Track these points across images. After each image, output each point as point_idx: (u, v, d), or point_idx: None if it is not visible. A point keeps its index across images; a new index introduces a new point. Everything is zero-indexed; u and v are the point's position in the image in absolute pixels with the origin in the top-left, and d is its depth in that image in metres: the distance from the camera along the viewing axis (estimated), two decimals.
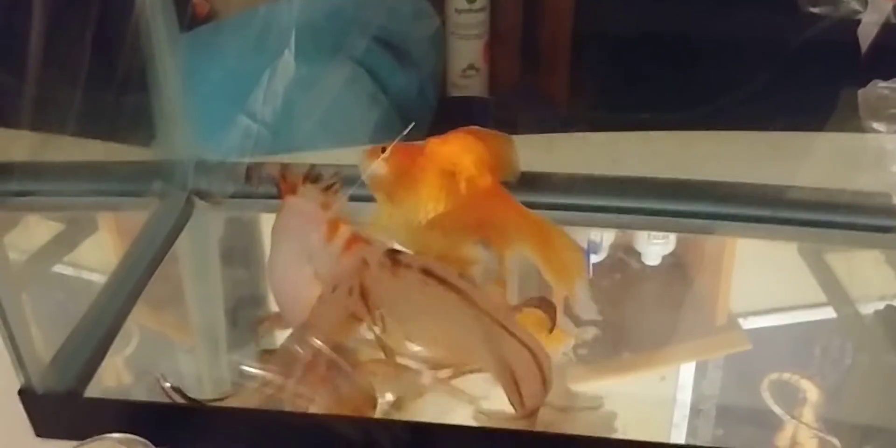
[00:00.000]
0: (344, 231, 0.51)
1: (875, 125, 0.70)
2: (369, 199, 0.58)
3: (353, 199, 0.54)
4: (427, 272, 0.47)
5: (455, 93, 1.53)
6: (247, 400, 0.51)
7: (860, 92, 0.72)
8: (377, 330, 0.49)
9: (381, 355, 0.51)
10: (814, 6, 0.92)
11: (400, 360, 0.51)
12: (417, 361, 0.51)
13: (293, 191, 0.54)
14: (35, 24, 0.63)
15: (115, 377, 0.59)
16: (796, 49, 0.93)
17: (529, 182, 0.71)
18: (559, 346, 0.58)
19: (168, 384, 0.52)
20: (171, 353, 0.65)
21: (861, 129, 0.71)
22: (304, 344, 0.49)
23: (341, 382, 0.49)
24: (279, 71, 0.69)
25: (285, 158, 0.76)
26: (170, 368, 0.61)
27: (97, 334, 0.59)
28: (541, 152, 0.80)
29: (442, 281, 0.47)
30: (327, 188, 0.53)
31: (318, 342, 0.49)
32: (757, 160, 0.78)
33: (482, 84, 1.56)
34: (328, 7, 0.97)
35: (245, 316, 0.66)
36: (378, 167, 0.56)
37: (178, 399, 0.52)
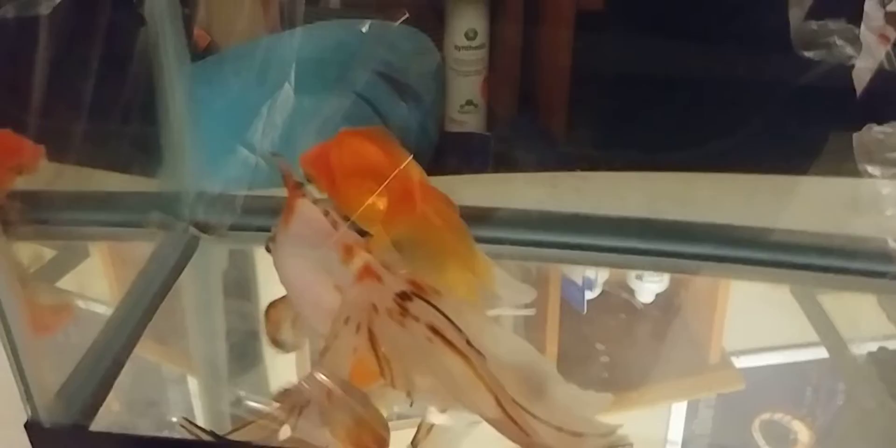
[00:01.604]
0: (358, 259, 0.49)
1: (870, 169, 0.70)
2: None
3: None
4: (434, 330, 0.45)
5: (453, 128, 1.53)
6: (252, 435, 0.50)
7: (855, 136, 0.72)
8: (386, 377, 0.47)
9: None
10: (808, 50, 0.93)
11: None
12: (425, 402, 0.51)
13: (299, 190, 0.52)
14: (44, 53, 0.63)
15: (120, 411, 0.59)
16: (792, 92, 0.93)
17: (524, 219, 0.73)
18: None
19: (185, 419, 0.52)
20: (174, 387, 0.65)
21: (856, 173, 0.71)
22: (313, 380, 0.48)
23: (351, 418, 0.48)
24: (279, 103, 0.69)
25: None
26: (173, 402, 0.62)
27: (103, 367, 0.58)
28: (542, 189, 0.80)
29: (448, 343, 0.45)
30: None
31: (324, 378, 0.47)
32: (752, 202, 0.78)
33: (480, 120, 1.57)
34: (334, 40, 0.97)
35: (249, 349, 0.66)
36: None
37: (200, 434, 0.51)
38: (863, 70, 0.84)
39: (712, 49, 1.15)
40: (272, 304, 0.58)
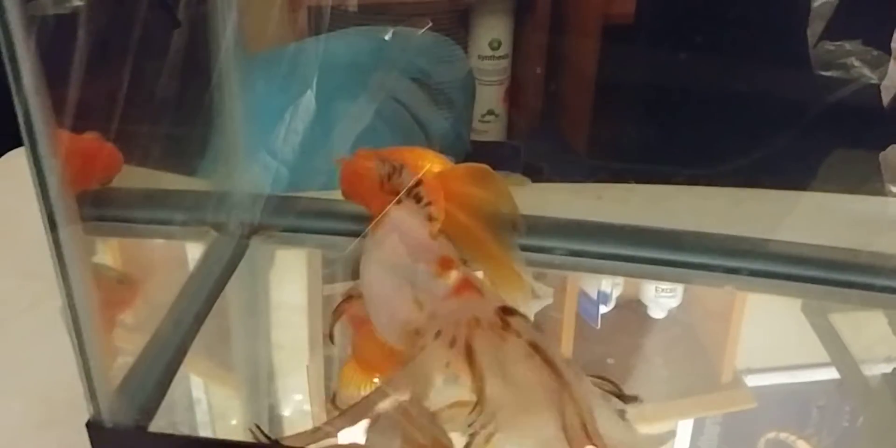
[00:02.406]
0: (455, 273, 0.48)
1: (894, 189, 0.70)
2: None
3: None
4: (535, 347, 0.44)
5: (473, 137, 1.54)
6: (305, 440, 0.49)
7: (881, 155, 0.72)
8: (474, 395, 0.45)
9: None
10: (825, 71, 0.92)
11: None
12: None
13: (393, 192, 0.51)
14: (102, 52, 0.63)
15: (177, 411, 0.59)
16: (819, 108, 0.93)
17: (538, 227, 0.72)
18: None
19: (256, 426, 0.51)
20: (226, 390, 0.65)
21: (881, 191, 0.71)
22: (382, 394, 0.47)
23: (425, 436, 0.47)
24: (300, 109, 0.69)
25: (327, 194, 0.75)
26: (224, 405, 0.62)
27: (159, 366, 0.58)
28: (561, 196, 0.81)
29: (547, 361, 0.44)
30: (427, 208, 0.49)
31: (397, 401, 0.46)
32: (774, 218, 0.78)
33: (501, 129, 1.57)
34: (368, 46, 0.97)
35: (295, 352, 0.66)
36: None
37: (265, 439, 0.51)
38: (887, 88, 0.84)
39: (738, 65, 1.15)
40: (346, 300, 0.57)
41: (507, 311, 0.45)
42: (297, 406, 0.60)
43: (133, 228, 0.74)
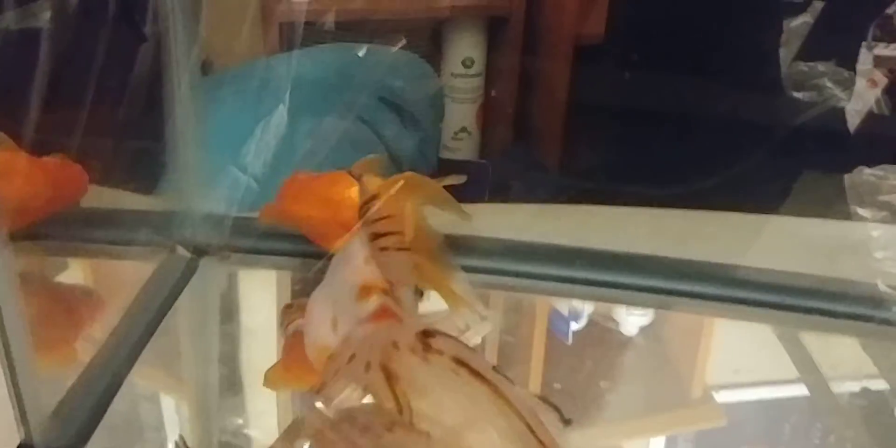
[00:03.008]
0: (375, 299, 0.48)
1: (861, 211, 0.70)
2: None
3: None
4: (459, 361, 0.43)
5: (446, 155, 1.53)
6: None
7: (846, 177, 0.72)
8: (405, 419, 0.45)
9: None
10: (797, 91, 0.93)
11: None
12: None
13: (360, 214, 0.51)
14: (58, 67, 0.62)
15: (116, 434, 0.58)
16: (785, 131, 0.94)
17: (512, 250, 0.73)
18: None
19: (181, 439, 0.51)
20: (169, 412, 0.64)
21: (847, 214, 0.71)
22: (313, 411, 0.46)
23: None
24: (272, 124, 0.69)
25: None
26: (167, 427, 0.60)
27: (98, 389, 0.57)
28: (531, 219, 0.80)
29: (475, 373, 0.43)
30: (376, 238, 0.50)
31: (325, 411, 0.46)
32: (739, 241, 0.77)
33: (474, 147, 1.57)
34: (335, 63, 0.97)
35: (245, 376, 0.65)
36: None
37: None
38: (853, 112, 0.84)
39: (709, 85, 1.15)
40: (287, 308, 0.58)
41: (427, 334, 0.45)
42: (239, 429, 0.60)
43: (80, 248, 0.74)
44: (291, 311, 0.59)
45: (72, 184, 0.71)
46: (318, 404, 0.46)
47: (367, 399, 0.46)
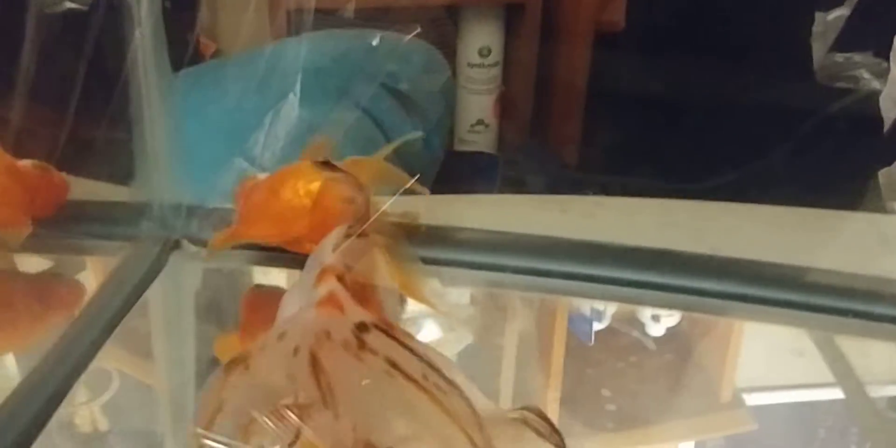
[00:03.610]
0: (327, 285, 0.47)
1: None
2: None
3: None
4: (392, 363, 0.42)
5: (462, 148, 1.52)
6: None
7: (881, 173, 0.71)
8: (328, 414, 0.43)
9: None
10: (833, 83, 0.91)
11: None
12: None
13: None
14: (25, 57, 0.62)
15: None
16: (817, 122, 0.92)
17: (529, 245, 0.71)
18: None
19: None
20: (132, 412, 0.62)
21: (881, 209, 0.69)
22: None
23: None
24: (282, 114, 0.68)
25: None
26: (129, 428, 0.59)
27: (50, 386, 0.55)
28: (551, 213, 0.78)
29: (408, 377, 0.42)
30: (348, 231, 0.50)
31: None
32: (771, 236, 0.75)
33: (491, 140, 1.55)
34: (336, 51, 0.96)
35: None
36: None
37: None
38: (888, 102, 0.82)
39: (734, 75, 1.13)
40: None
41: (362, 328, 0.43)
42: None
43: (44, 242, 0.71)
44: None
45: (51, 192, 0.69)
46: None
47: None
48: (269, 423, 0.42)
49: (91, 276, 0.74)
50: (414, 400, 0.41)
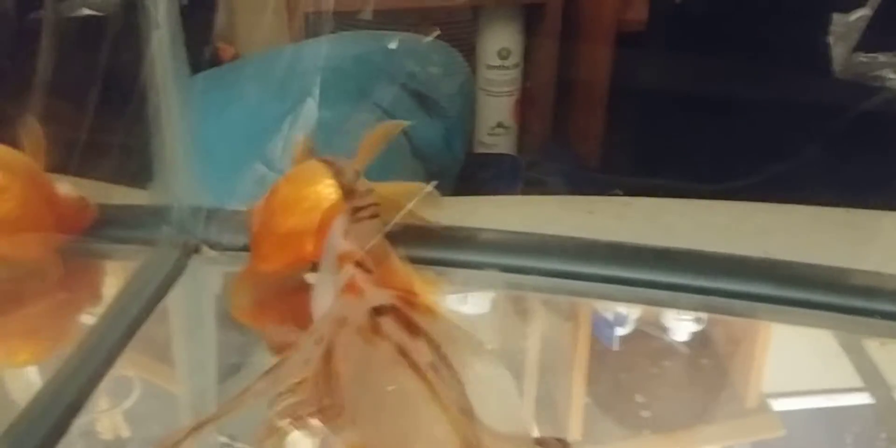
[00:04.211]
0: (346, 271, 0.47)
1: None
2: None
3: None
4: (401, 351, 0.42)
5: (482, 151, 1.51)
6: None
7: None
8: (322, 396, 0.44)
9: None
10: (859, 81, 0.90)
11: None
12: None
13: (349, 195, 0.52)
14: (43, 61, 0.62)
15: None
16: (846, 119, 0.90)
17: (552, 247, 0.70)
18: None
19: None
20: (154, 419, 0.61)
21: None
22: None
23: None
24: (302, 118, 0.68)
25: None
26: (151, 435, 0.58)
27: (71, 392, 0.55)
28: (576, 214, 0.78)
29: (413, 366, 0.42)
30: (355, 211, 0.50)
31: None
32: (794, 235, 0.75)
33: (511, 143, 1.55)
34: (355, 51, 0.96)
35: (237, 382, 0.62)
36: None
37: None
38: None
39: (757, 73, 1.12)
40: None
41: (379, 312, 0.44)
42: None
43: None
44: None
45: (79, 221, 0.69)
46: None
47: None
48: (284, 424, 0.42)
49: (110, 280, 0.73)
50: (413, 391, 0.41)
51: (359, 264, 0.47)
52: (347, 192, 0.54)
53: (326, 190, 0.59)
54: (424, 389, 0.41)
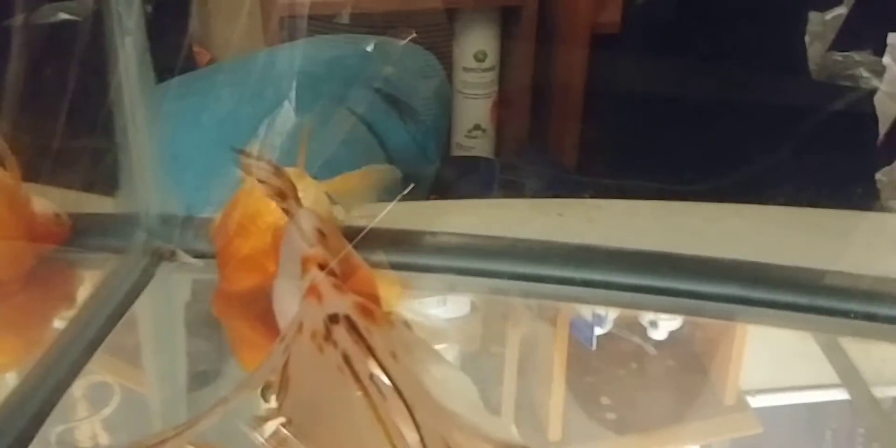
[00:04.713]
0: (309, 275, 0.46)
1: None
2: None
3: None
4: (346, 359, 0.42)
5: (460, 154, 1.51)
6: None
7: (881, 172, 0.70)
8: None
9: None
10: (834, 80, 0.91)
11: None
12: None
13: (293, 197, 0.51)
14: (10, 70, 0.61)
15: None
16: (817, 120, 0.91)
17: (527, 251, 0.70)
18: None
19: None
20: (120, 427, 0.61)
21: (883, 208, 0.69)
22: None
23: None
24: (278, 122, 0.67)
25: None
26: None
27: (37, 400, 0.55)
28: (549, 217, 0.77)
29: (355, 376, 0.41)
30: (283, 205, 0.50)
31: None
32: (771, 237, 0.75)
33: (488, 145, 1.55)
34: (329, 55, 0.96)
35: (207, 391, 0.62)
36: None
37: None
38: (884, 99, 0.82)
39: (732, 74, 1.13)
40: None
41: (333, 320, 0.43)
42: None
43: None
44: None
45: (55, 239, 0.68)
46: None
47: None
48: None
49: (78, 288, 0.73)
50: (354, 401, 0.41)
51: (322, 267, 0.47)
52: (277, 194, 0.52)
53: (277, 207, 0.58)
54: (363, 400, 0.40)
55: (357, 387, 0.41)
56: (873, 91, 0.87)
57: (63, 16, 0.74)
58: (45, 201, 0.67)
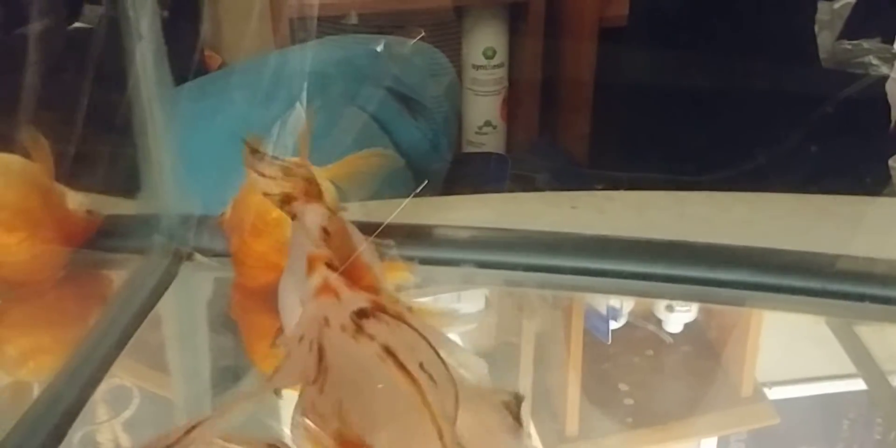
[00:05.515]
0: (319, 273, 0.46)
1: None
2: None
3: None
4: (388, 351, 0.42)
5: (471, 150, 1.52)
6: None
7: (891, 161, 0.70)
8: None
9: None
10: (843, 68, 0.91)
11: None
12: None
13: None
14: (29, 73, 0.62)
15: None
16: (828, 108, 0.91)
17: (541, 242, 0.70)
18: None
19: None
20: (154, 428, 0.62)
21: (893, 193, 0.69)
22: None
23: None
24: (290, 123, 0.67)
25: None
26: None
27: (66, 400, 0.55)
28: (561, 209, 0.78)
29: (400, 366, 0.41)
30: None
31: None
32: (784, 224, 0.75)
33: (499, 142, 1.55)
34: (339, 55, 0.96)
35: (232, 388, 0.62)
36: None
37: None
38: (894, 86, 0.82)
39: (740, 64, 1.13)
40: None
41: (362, 314, 0.43)
42: None
43: None
44: None
45: (84, 236, 0.68)
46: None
47: None
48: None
49: (106, 288, 0.73)
50: (400, 390, 0.41)
51: (329, 265, 0.46)
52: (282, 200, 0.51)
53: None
54: (412, 390, 0.41)
55: (402, 375, 0.41)
56: (883, 78, 0.87)
57: (78, 24, 0.75)
58: (79, 196, 0.67)
